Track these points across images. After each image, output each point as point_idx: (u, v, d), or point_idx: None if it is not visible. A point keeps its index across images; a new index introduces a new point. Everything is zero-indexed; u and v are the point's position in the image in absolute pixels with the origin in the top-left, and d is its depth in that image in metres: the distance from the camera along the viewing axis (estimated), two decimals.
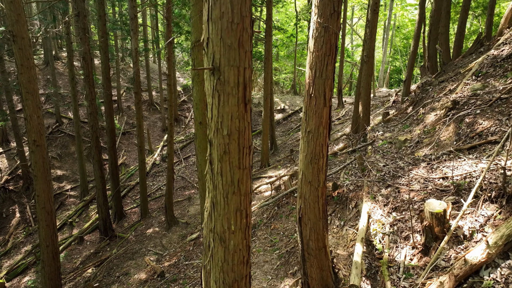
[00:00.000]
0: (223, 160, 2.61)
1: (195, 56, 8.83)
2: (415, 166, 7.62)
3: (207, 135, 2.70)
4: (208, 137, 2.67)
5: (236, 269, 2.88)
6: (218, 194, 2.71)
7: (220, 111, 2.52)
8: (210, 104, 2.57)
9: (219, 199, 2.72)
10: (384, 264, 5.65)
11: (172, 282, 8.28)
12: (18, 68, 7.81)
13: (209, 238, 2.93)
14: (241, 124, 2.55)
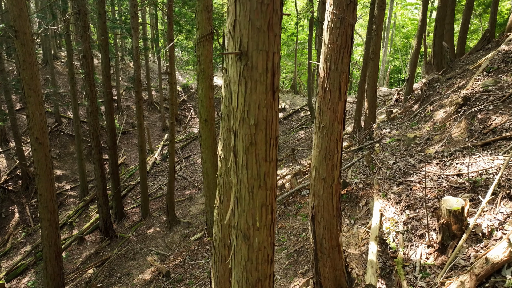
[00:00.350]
0: (248, 152, 2.45)
1: (201, 52, 8.68)
2: (426, 163, 7.47)
3: (231, 126, 2.54)
4: (233, 127, 2.51)
5: (260, 268, 2.73)
6: (243, 189, 2.55)
7: (246, 99, 2.36)
8: (235, 92, 2.41)
9: (243, 193, 2.56)
10: (399, 263, 5.50)
11: (178, 282, 8.12)
12: (20, 64, 7.64)
13: (232, 236, 2.77)
14: (269, 113, 2.39)
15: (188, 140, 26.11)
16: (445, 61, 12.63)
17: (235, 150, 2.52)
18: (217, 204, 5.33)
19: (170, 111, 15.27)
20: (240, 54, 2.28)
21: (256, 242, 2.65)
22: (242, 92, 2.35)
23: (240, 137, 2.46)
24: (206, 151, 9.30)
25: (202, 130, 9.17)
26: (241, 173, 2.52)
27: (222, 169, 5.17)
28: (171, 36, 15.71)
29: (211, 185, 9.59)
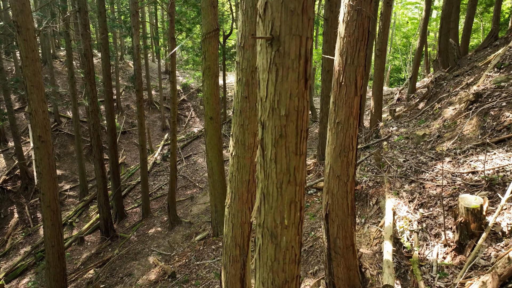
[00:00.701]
0: (278, 144, 2.30)
1: (206, 49, 8.53)
2: (438, 160, 7.33)
3: (259, 117, 2.38)
4: (261, 119, 2.35)
5: (287, 268, 2.57)
6: (271, 184, 2.39)
7: (277, 88, 2.20)
8: (264, 81, 2.25)
9: (271, 189, 2.41)
10: (414, 263, 5.35)
11: (184, 283, 7.96)
12: (23, 60, 7.47)
13: (257, 234, 2.61)
14: (300, 103, 2.24)
15: (188, 139, 25.95)
16: (451, 58, 12.51)
17: (262, 143, 2.36)
18: (228, 203, 5.18)
19: (172, 110, 15.10)
20: (271, 39, 2.13)
21: (284, 241, 2.49)
22: (273, 80, 2.20)
23: (268, 129, 2.30)
24: (212, 149, 9.15)
25: (207, 128, 9.02)
26: (269, 167, 2.37)
27: (233, 166, 5.02)
28: (172, 34, 15.55)
29: (217, 184, 9.44)
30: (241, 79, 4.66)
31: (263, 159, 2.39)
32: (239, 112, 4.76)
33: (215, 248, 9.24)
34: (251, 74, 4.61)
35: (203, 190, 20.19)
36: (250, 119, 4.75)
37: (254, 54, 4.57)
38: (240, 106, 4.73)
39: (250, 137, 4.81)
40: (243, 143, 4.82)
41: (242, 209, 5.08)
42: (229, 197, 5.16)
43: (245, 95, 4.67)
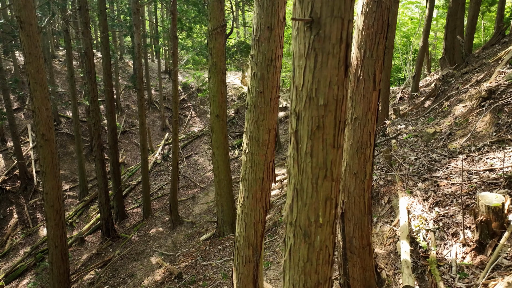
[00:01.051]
0: (314, 137, 2.13)
1: (213, 45, 8.37)
2: (452, 158, 7.18)
3: (293, 108, 2.22)
4: (295, 109, 2.19)
5: (321, 270, 2.41)
6: (305, 180, 2.23)
7: (316, 75, 2.04)
8: (301, 68, 2.09)
9: (305, 185, 2.24)
10: (432, 263, 5.19)
11: (191, 284, 7.79)
12: (26, 56, 7.29)
13: (288, 233, 2.45)
14: (340, 92, 2.08)
15: (189, 139, 25.78)
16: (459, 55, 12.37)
17: (297, 135, 2.20)
18: (241, 202, 5.02)
19: (173, 109, 14.92)
20: (311, 22, 1.97)
21: (317, 240, 2.33)
22: (311, 67, 2.04)
23: (304, 120, 2.14)
24: (218, 147, 8.99)
25: (213, 126, 8.85)
26: (303, 161, 2.21)
27: (247, 163, 4.87)
28: (174, 33, 15.38)
29: (223, 183, 9.27)
30: (256, 73, 4.51)
31: (296, 153, 2.23)
32: (253, 108, 4.61)
33: (222, 248, 9.08)
34: (267, 68, 4.46)
35: (205, 190, 20.04)
36: (265, 115, 4.60)
37: (270, 47, 4.42)
38: (254, 101, 4.58)
39: (265, 133, 4.66)
40: (257, 140, 4.67)
41: (255, 207, 4.93)
42: (242, 195, 5.01)
43: (260, 89, 4.51)
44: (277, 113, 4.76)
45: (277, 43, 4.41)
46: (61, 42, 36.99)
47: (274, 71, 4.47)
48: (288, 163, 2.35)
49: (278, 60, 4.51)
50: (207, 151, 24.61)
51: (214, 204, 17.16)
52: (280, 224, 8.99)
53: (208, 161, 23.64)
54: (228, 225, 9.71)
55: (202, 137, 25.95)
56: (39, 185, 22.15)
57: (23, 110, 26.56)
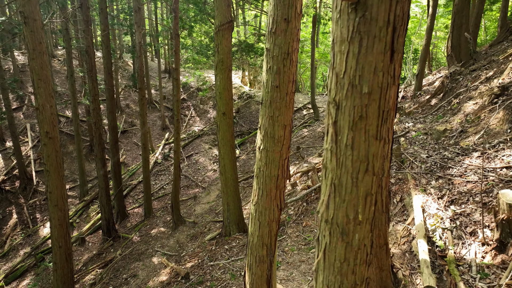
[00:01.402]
0: (356, 127, 1.99)
1: (220, 42, 8.22)
2: (465, 156, 7.05)
3: (332, 97, 2.07)
4: (335, 98, 2.04)
5: (358, 270, 2.26)
6: (344, 174, 2.09)
7: (360, 61, 1.90)
8: (343, 53, 1.95)
9: (344, 180, 2.10)
10: (451, 262, 5.05)
11: (199, 284, 7.64)
12: (30, 53, 7.13)
13: (323, 232, 2.30)
14: (385, 79, 1.94)
15: (189, 139, 25.62)
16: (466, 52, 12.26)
17: (336, 126, 2.06)
18: (255, 200, 4.88)
19: (175, 107, 14.76)
20: (356, 3, 1.83)
21: (356, 239, 2.19)
22: (354, 52, 1.89)
23: (345, 109, 2.00)
24: (224, 145, 8.84)
25: (220, 124, 8.70)
26: (343, 154, 2.06)
27: (261, 161, 4.72)
28: (176, 31, 15.21)
29: (229, 181, 9.12)
30: (272, 67, 4.36)
31: (335, 145, 2.08)
32: (268, 103, 4.46)
33: (228, 248, 8.93)
34: (283, 62, 4.31)
35: (206, 190, 19.90)
36: (280, 110, 4.46)
37: (286, 40, 4.27)
38: (270, 96, 4.44)
39: (280, 129, 4.52)
40: (272, 136, 4.52)
41: (270, 206, 4.78)
42: (255, 193, 4.86)
43: (275, 84, 4.37)
44: (293, 108, 4.61)
45: (294, 36, 4.27)
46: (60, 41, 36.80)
47: (290, 65, 4.33)
48: (324, 157, 2.21)
49: (295, 53, 4.36)
50: (208, 150, 24.46)
51: (216, 204, 17.04)
52: (288, 224, 8.86)
53: (209, 160, 23.49)
54: (235, 224, 9.56)
55: (203, 137, 25.80)
56: (38, 185, 21.99)
57: (22, 109, 26.39)
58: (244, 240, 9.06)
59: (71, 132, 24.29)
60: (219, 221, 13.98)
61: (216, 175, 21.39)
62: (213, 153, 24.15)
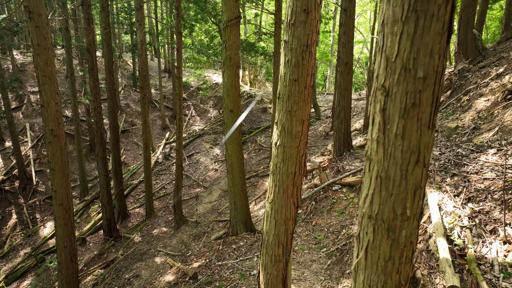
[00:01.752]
0: (408, 115, 1.85)
1: (227, 37, 8.07)
2: (480, 153, 6.92)
3: (380, 82, 1.93)
4: (384, 84, 1.90)
5: (403, 269, 2.12)
6: (393, 166, 1.94)
7: (415, 42, 1.75)
8: (395, 35, 1.80)
9: (392, 172, 1.95)
10: (471, 261, 4.92)
11: (207, 284, 7.48)
12: (35, 48, 6.97)
13: (365, 228, 2.16)
14: (440, 62, 1.80)
15: (190, 138, 25.48)
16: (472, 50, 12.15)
17: (385, 114, 1.91)
18: (270, 198, 4.73)
19: (178, 105, 14.65)
20: None
21: (402, 236, 2.04)
22: (409, 32, 1.75)
23: (397, 96, 1.85)
24: (232, 143, 8.69)
25: (227, 122, 8.55)
26: (392, 144, 1.92)
27: (278, 157, 4.57)
28: (179, 29, 15.08)
29: (237, 180, 8.97)
30: (290, 60, 4.21)
31: (383, 135, 1.94)
32: (286, 97, 4.31)
33: (236, 248, 8.79)
34: (302, 54, 4.16)
35: (208, 189, 19.77)
36: (298, 105, 4.31)
37: (306, 32, 4.13)
38: (288, 90, 4.29)
39: (298, 124, 4.37)
40: (289, 131, 4.38)
41: (286, 204, 4.64)
42: (271, 191, 4.72)
43: (294, 77, 4.22)
44: (311, 103, 4.47)
45: (313, 28, 4.12)
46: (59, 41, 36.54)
47: (309, 58, 4.18)
48: (368, 148, 2.06)
49: (314, 46, 4.22)
50: (209, 150, 24.33)
51: (219, 204, 16.91)
52: (297, 223, 8.71)
53: (210, 160, 23.37)
54: (242, 223, 9.40)
55: (204, 136, 25.66)
56: (38, 185, 21.82)
57: (22, 109, 26.21)
58: (252, 239, 8.92)
59: (71, 132, 24.09)
60: (222, 220, 13.85)
61: (218, 175, 21.26)
62: (214, 153, 24.03)
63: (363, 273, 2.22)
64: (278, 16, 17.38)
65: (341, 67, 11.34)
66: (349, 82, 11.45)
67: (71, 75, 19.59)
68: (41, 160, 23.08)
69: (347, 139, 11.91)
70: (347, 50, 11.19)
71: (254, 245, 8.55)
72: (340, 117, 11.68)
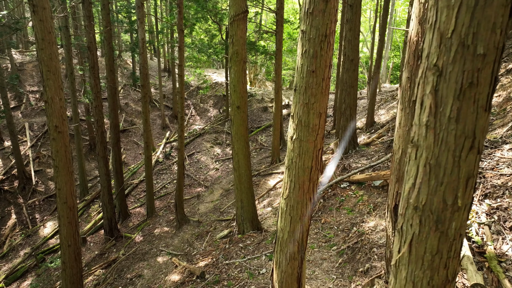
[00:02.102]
0: (464, 97, 1.70)
1: (234, 32, 7.93)
2: (495, 148, 6.79)
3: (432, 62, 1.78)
4: (436, 63, 1.75)
5: (451, 264, 1.98)
6: (444, 152, 1.80)
7: (475, 15, 1.61)
8: (452, 8, 1.66)
9: (444, 159, 1.81)
10: (491, 259, 4.78)
11: (215, 283, 7.33)
12: (39, 43, 6.81)
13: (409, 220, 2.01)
14: (502, 38, 1.65)
15: (190, 137, 25.33)
16: None
17: (436, 96, 1.77)
18: (286, 194, 4.59)
19: (180, 104, 14.50)
20: None
21: (452, 228, 1.90)
22: (469, 5, 1.60)
23: (451, 75, 1.71)
24: (238, 140, 8.54)
25: (234, 118, 8.40)
26: (445, 129, 1.77)
27: (294, 151, 4.43)
28: (181, 26, 14.94)
29: (243, 177, 8.82)
30: (308, 50, 4.07)
31: (434, 119, 1.79)
32: (303, 89, 4.17)
33: (243, 247, 8.64)
34: (320, 45, 4.03)
35: (209, 189, 19.63)
36: (316, 97, 4.17)
37: (324, 21, 3.99)
38: (305, 82, 4.15)
39: (315, 117, 4.23)
40: (306, 125, 4.23)
41: (302, 200, 4.50)
42: (287, 186, 4.57)
43: (312, 69, 4.08)
44: (328, 95, 4.33)
45: (332, 17, 3.98)
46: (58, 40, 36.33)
47: (328, 48, 4.04)
48: (415, 134, 1.92)
49: (332, 35, 4.08)
50: (209, 149, 24.20)
51: (220, 203, 16.76)
52: None
53: (210, 159, 23.24)
54: (249, 222, 9.25)
55: (204, 135, 25.52)
56: (37, 184, 21.65)
57: (21, 108, 26.03)
58: (259, 238, 8.78)
59: (71, 131, 23.90)
60: (224, 220, 13.72)
61: (219, 174, 21.13)
62: (214, 152, 23.90)
63: (405, 269, 2.08)
64: (280, 14, 17.26)
65: (347, 63, 11.22)
66: (354, 79, 11.33)
67: (71, 74, 19.40)
68: (40, 159, 22.91)
69: (353, 136, 11.79)
70: (353, 46, 11.07)
71: (262, 243, 8.41)
72: (346, 115, 11.56)
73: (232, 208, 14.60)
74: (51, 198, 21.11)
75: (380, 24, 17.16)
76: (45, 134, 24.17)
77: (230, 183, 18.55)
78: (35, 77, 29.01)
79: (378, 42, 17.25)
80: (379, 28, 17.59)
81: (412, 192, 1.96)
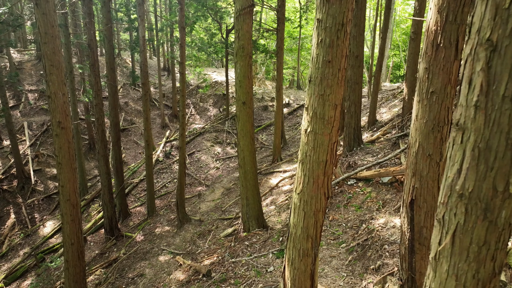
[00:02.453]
0: None
1: (240, 27, 7.79)
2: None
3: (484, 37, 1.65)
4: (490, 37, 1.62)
5: (498, 256, 1.85)
6: (497, 134, 1.66)
7: None
8: None
9: (496, 142, 1.67)
10: (510, 255, 4.66)
11: (222, 282, 7.20)
12: (42, 37, 6.67)
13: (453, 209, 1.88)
14: None
15: (191, 136, 25.20)
16: None
17: (489, 73, 1.64)
18: (299, 189, 4.46)
19: (181, 102, 14.37)
20: None
21: (502, 217, 1.77)
22: None
23: (507, 50, 1.58)
24: (244, 137, 8.41)
25: (239, 114, 8.27)
26: (497, 109, 1.64)
27: (308, 145, 4.30)
28: (182, 24, 14.81)
29: (249, 174, 8.70)
30: (324, 40, 3.94)
31: (485, 98, 1.66)
32: (319, 80, 4.04)
33: (249, 245, 8.50)
34: (337, 34, 3.90)
35: (210, 188, 19.50)
36: (332, 88, 4.04)
37: (342, 9, 3.86)
38: (320, 72, 4.02)
39: (331, 109, 4.10)
40: (322, 117, 4.11)
41: (317, 194, 4.37)
42: (300, 181, 4.45)
43: (328, 59, 3.95)
44: (344, 87, 4.20)
45: (349, 5, 3.86)
46: None
47: (344, 38, 3.92)
48: (461, 116, 1.79)
49: (349, 24, 3.96)
50: (210, 148, 24.06)
51: (222, 202, 16.64)
52: None
53: (211, 158, 23.11)
54: (254, 219, 9.12)
55: (204, 134, 25.39)
56: (36, 184, 21.50)
57: (19, 107, 25.86)
58: (265, 235, 8.65)
59: None
60: (227, 218, 13.61)
61: (219, 173, 21.01)
62: (215, 151, 23.77)
63: (447, 262, 1.95)
64: (281, 12, 17.13)
65: (352, 60, 11.11)
66: (359, 75, 11.23)
67: (70, 73, 19.24)
68: (39, 159, 22.75)
69: (358, 134, 11.68)
70: (358, 42, 10.97)
71: (268, 241, 8.28)
72: (351, 112, 11.44)
73: (233, 207, 14.49)
74: (51, 197, 20.97)
75: (382, 21, 17.04)
76: (44, 133, 24.01)
77: (231, 182, 18.43)
78: (34, 76, 28.84)
79: (380, 40, 17.13)
80: (381, 26, 17.48)
81: (457, 178, 1.83)
